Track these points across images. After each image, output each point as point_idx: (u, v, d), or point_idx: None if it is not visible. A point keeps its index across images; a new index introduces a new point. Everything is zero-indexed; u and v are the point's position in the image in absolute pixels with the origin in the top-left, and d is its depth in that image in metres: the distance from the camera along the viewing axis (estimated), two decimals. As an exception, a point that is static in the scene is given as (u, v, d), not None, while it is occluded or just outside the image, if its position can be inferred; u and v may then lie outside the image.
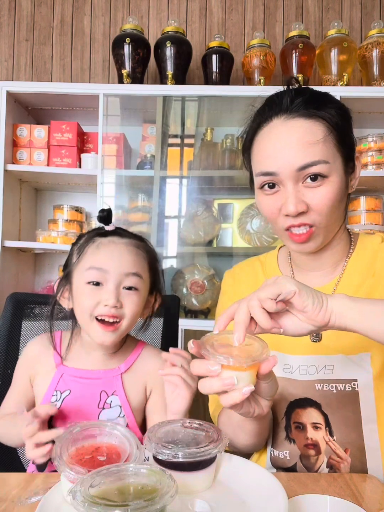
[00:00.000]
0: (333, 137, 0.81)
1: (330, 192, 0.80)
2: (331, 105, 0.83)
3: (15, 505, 0.63)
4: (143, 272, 0.90)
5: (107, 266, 0.86)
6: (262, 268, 1.00)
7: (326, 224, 0.83)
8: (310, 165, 0.78)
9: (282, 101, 0.82)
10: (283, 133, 0.81)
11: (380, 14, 2.57)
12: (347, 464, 0.82)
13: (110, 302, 0.84)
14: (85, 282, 0.86)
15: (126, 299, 0.86)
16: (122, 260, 0.87)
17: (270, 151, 0.82)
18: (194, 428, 0.67)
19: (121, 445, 0.64)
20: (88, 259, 0.88)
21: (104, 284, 0.86)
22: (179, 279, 2.31)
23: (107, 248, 0.88)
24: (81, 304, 0.87)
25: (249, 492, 0.62)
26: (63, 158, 2.28)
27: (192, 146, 2.40)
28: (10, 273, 2.31)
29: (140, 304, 0.89)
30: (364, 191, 2.37)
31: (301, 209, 0.80)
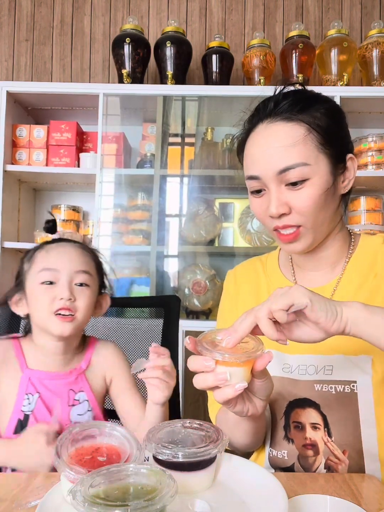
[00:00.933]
0: (314, 138, 0.81)
1: (312, 193, 0.81)
2: (318, 106, 0.84)
3: (15, 508, 0.63)
4: (91, 270, 0.97)
5: (58, 266, 0.92)
6: (263, 269, 1.00)
7: (313, 225, 0.83)
8: (289, 167, 0.80)
9: (267, 106, 0.85)
10: (265, 138, 0.83)
11: (380, 14, 2.57)
12: (345, 466, 0.82)
13: (64, 295, 0.90)
14: (38, 283, 0.92)
15: (79, 294, 0.93)
16: (72, 259, 0.94)
17: (254, 156, 0.85)
18: (194, 428, 0.67)
19: (121, 445, 0.64)
20: (39, 263, 0.94)
21: (57, 282, 0.92)
22: (181, 279, 2.30)
23: (56, 251, 0.95)
24: (38, 303, 0.92)
25: (249, 492, 0.62)
26: (61, 158, 2.28)
27: (192, 145, 2.40)
28: (10, 274, 2.31)
29: (92, 298, 0.96)
30: (364, 191, 2.37)
31: (283, 210, 0.82)
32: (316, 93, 0.88)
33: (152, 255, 2.28)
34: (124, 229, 2.36)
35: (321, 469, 0.83)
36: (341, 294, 0.89)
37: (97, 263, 1.00)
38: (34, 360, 0.96)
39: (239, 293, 1.00)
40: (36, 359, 0.96)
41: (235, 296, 1.01)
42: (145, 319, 1.26)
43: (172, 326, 1.24)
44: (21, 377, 0.93)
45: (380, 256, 0.89)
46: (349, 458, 0.82)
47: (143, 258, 2.35)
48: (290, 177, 0.80)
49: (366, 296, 0.86)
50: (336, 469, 0.82)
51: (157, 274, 2.29)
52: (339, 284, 0.90)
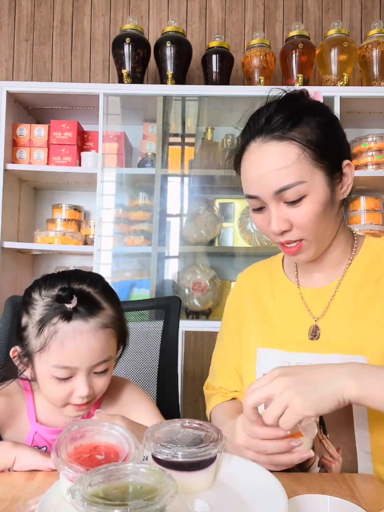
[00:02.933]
0: (308, 156, 0.81)
1: (311, 209, 0.82)
2: (310, 119, 0.83)
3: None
4: (113, 351, 0.85)
5: (75, 363, 0.78)
6: (268, 272, 1.03)
7: (315, 237, 0.85)
8: (286, 188, 0.81)
9: (258, 122, 0.84)
10: (259, 159, 0.83)
11: (380, 14, 2.57)
12: (339, 464, 0.82)
13: (83, 393, 0.79)
14: (50, 377, 0.80)
15: (96, 382, 0.82)
16: (92, 353, 0.79)
17: (250, 176, 0.85)
18: (193, 428, 0.66)
19: (119, 444, 0.63)
20: (53, 356, 0.78)
21: (73, 376, 0.80)
22: (181, 280, 2.30)
23: (74, 344, 0.77)
24: (50, 395, 0.82)
25: (249, 492, 0.62)
26: (63, 157, 2.28)
27: (192, 145, 2.40)
28: (10, 275, 2.31)
29: (109, 378, 0.86)
30: (364, 191, 2.37)
31: (284, 228, 0.83)
32: (307, 101, 0.87)
33: (153, 256, 2.28)
34: (125, 230, 2.36)
35: (315, 466, 0.83)
36: (342, 295, 0.90)
37: (118, 328, 0.85)
38: (45, 412, 0.88)
39: (239, 300, 1.04)
40: (47, 410, 0.88)
41: (235, 303, 1.05)
42: (146, 321, 1.26)
43: (172, 327, 1.23)
44: (29, 431, 0.87)
45: (383, 259, 0.90)
46: (342, 456, 0.83)
47: (144, 259, 2.35)
48: (287, 196, 0.81)
49: (367, 296, 0.87)
50: (330, 467, 0.83)
51: (157, 274, 2.29)
52: (340, 285, 0.91)
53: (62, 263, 2.54)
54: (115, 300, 0.86)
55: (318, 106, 0.87)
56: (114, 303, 0.85)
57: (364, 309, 0.86)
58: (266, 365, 0.91)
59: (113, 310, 0.84)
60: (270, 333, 0.93)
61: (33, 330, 0.80)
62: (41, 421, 0.87)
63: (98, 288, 0.83)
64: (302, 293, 0.94)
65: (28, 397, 0.88)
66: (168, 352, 1.22)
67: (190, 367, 2.07)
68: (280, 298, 0.97)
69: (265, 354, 0.92)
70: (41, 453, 0.75)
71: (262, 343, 0.93)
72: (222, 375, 1.03)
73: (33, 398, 0.88)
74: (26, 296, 0.84)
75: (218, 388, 1.03)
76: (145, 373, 1.22)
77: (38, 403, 0.88)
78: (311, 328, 0.90)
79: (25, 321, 0.82)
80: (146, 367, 1.22)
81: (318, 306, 0.91)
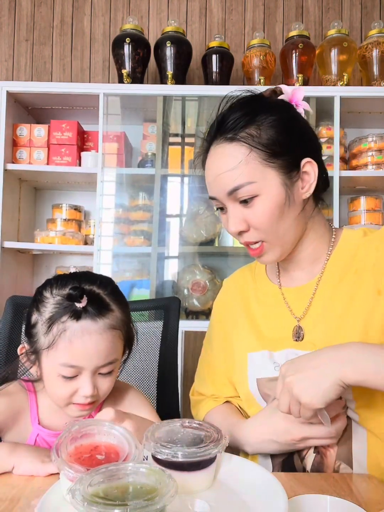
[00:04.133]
0: (257, 155, 0.81)
1: (265, 209, 0.82)
2: (264, 117, 0.83)
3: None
4: (119, 353, 0.85)
5: (82, 363, 0.79)
6: (252, 275, 1.02)
7: (274, 238, 0.85)
8: (236, 188, 0.82)
9: (214, 125, 0.87)
10: (213, 162, 0.86)
11: (380, 14, 2.57)
12: (334, 452, 0.83)
13: (87, 392, 0.79)
14: (57, 375, 0.80)
15: (101, 383, 0.82)
16: (99, 354, 0.80)
17: (208, 179, 0.88)
18: (193, 428, 0.67)
19: (120, 444, 0.63)
20: (60, 353, 0.79)
21: (79, 375, 0.80)
22: (180, 280, 2.30)
23: (81, 343, 0.78)
24: (55, 393, 0.82)
25: (249, 492, 0.62)
26: (63, 157, 2.28)
27: (192, 145, 2.40)
28: (10, 275, 2.31)
29: (114, 380, 0.86)
30: (364, 191, 2.37)
31: (241, 228, 0.84)
32: (266, 100, 0.87)
33: (153, 256, 2.28)
34: (125, 230, 2.36)
35: (310, 453, 0.84)
36: (322, 292, 0.89)
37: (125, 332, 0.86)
38: (48, 414, 0.88)
39: (228, 304, 1.03)
40: (50, 412, 0.88)
41: (222, 310, 1.04)
42: (145, 322, 1.25)
43: (172, 328, 1.23)
44: (31, 433, 0.87)
45: (361, 250, 0.88)
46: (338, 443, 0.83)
47: (144, 260, 2.35)
48: (239, 196, 0.82)
49: (346, 291, 0.86)
50: (325, 454, 0.83)
51: (157, 275, 2.29)
52: (320, 281, 0.90)
53: (62, 263, 2.54)
54: (124, 303, 0.87)
55: (277, 104, 0.87)
56: (123, 305, 0.85)
57: (345, 304, 0.85)
58: (256, 369, 0.90)
59: (122, 313, 0.84)
60: (258, 338, 0.92)
61: (42, 327, 0.80)
62: (44, 424, 0.87)
63: (108, 290, 0.84)
64: (284, 293, 0.94)
65: (31, 399, 0.88)
66: (168, 352, 1.22)
67: (190, 367, 2.07)
68: (263, 301, 0.96)
69: (255, 358, 0.91)
70: (40, 459, 0.74)
71: (252, 347, 0.92)
72: (213, 383, 1.01)
73: (36, 399, 0.88)
74: (38, 294, 0.85)
75: (209, 396, 1.02)
76: (145, 374, 1.21)
77: (41, 404, 0.88)
78: (295, 329, 0.89)
79: (35, 318, 0.82)
80: (146, 368, 1.22)
81: (299, 306, 0.90)
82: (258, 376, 0.90)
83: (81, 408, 0.82)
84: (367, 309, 0.83)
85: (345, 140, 2.35)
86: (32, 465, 0.73)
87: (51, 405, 0.86)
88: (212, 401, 1.00)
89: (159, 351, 1.22)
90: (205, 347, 1.08)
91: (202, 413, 1.00)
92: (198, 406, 1.02)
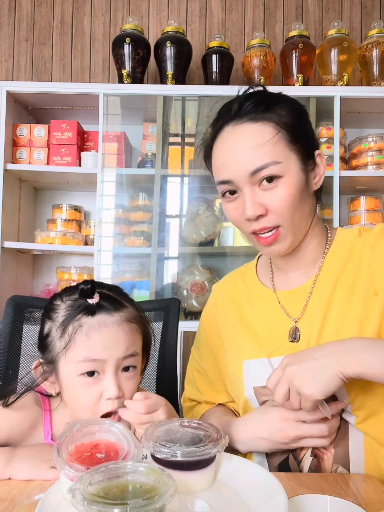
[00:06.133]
0: (283, 137, 0.81)
1: (286, 191, 0.80)
2: (282, 105, 0.84)
3: (19, 504, 0.62)
4: (139, 347, 0.82)
5: (102, 355, 0.76)
6: (243, 279, 1.01)
7: (291, 224, 0.83)
8: (261, 168, 0.80)
9: (231, 109, 0.85)
10: (233, 141, 0.82)
11: (380, 14, 2.57)
12: (331, 455, 0.82)
13: (112, 394, 0.75)
14: (78, 374, 0.76)
15: (126, 384, 0.78)
16: (118, 344, 0.77)
17: (223, 160, 0.84)
18: (192, 427, 0.66)
19: (119, 442, 0.63)
20: (78, 350, 0.76)
21: (100, 373, 0.76)
22: (180, 281, 2.30)
23: (99, 335, 0.76)
24: (79, 401, 0.78)
25: (249, 492, 0.62)
26: (63, 157, 2.28)
27: (192, 145, 2.40)
28: (10, 275, 2.31)
29: (138, 382, 0.83)
30: (364, 191, 2.37)
31: (260, 212, 0.81)
32: (276, 93, 0.88)
33: (153, 257, 2.28)
34: (126, 231, 2.36)
35: (307, 457, 0.84)
36: (320, 290, 0.88)
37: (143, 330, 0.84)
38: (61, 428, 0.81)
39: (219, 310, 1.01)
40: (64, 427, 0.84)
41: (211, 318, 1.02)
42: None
43: (172, 328, 1.23)
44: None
45: (356, 250, 0.88)
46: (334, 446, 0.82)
47: (144, 260, 2.35)
48: (263, 175, 0.80)
49: (343, 290, 0.86)
50: (322, 458, 0.83)
51: (157, 275, 2.29)
52: (317, 281, 0.89)
53: (62, 263, 2.54)
54: (135, 304, 0.85)
55: (286, 96, 0.88)
56: (135, 304, 0.84)
57: (342, 304, 0.85)
58: (253, 376, 0.89)
59: (136, 310, 0.83)
60: (254, 344, 0.91)
61: (57, 332, 0.78)
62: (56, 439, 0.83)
63: (117, 292, 0.83)
64: (279, 297, 0.92)
65: (45, 414, 0.84)
66: (167, 353, 1.22)
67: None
68: (257, 306, 0.95)
69: (251, 366, 0.90)
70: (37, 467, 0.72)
71: (247, 355, 0.91)
72: (205, 390, 1.00)
73: (50, 414, 0.84)
74: (48, 305, 0.83)
75: (202, 402, 1.01)
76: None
77: (56, 418, 0.84)
78: (291, 330, 0.88)
79: (48, 327, 0.80)
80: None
81: (295, 308, 0.89)
82: (255, 384, 0.89)
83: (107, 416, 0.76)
84: (363, 309, 0.82)
85: (345, 140, 2.35)
86: (29, 474, 0.72)
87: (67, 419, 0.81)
88: (205, 405, 1.00)
89: (159, 351, 1.22)
90: (193, 354, 1.06)
91: (196, 417, 0.98)
92: (192, 412, 1.01)
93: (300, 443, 0.80)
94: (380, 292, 0.82)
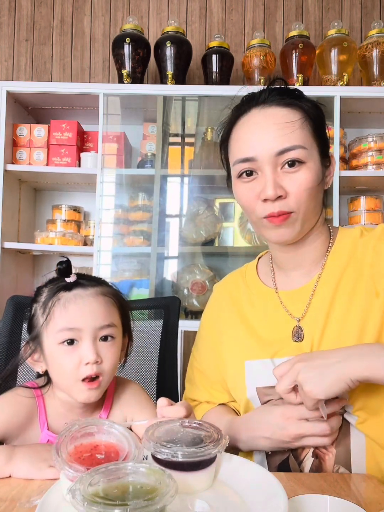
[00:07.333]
0: (309, 125, 0.83)
1: (307, 177, 0.82)
2: (306, 101, 0.87)
3: (19, 507, 0.62)
4: (116, 320, 0.86)
5: (79, 324, 0.81)
6: (243, 280, 1.01)
7: (304, 212, 0.83)
8: (288, 149, 0.81)
9: (259, 95, 0.86)
10: (261, 120, 0.83)
11: (380, 14, 2.57)
12: (332, 456, 0.82)
13: (90, 358, 0.80)
14: (58, 343, 0.81)
15: (104, 352, 0.83)
16: (94, 314, 0.83)
17: (249, 137, 0.84)
18: (193, 427, 0.66)
19: (119, 443, 0.63)
20: (57, 320, 0.82)
21: (79, 341, 0.81)
22: (180, 280, 2.30)
23: (76, 305, 0.82)
24: (62, 368, 0.82)
25: (249, 492, 0.61)
26: (62, 157, 2.28)
27: (192, 145, 2.40)
28: (10, 275, 2.31)
29: (118, 353, 0.86)
30: (364, 191, 2.37)
31: (280, 193, 0.80)
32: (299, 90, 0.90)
33: (153, 256, 2.28)
34: (125, 230, 2.36)
35: (309, 457, 0.83)
36: (323, 289, 0.88)
37: (120, 307, 0.89)
38: (56, 419, 0.87)
39: (221, 310, 1.01)
40: (58, 416, 0.87)
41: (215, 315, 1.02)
42: (145, 321, 1.25)
43: (172, 327, 1.23)
44: (40, 440, 0.86)
45: (358, 250, 0.88)
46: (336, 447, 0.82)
47: (144, 260, 2.35)
48: (289, 157, 0.81)
49: (345, 290, 0.86)
50: (324, 458, 0.83)
51: (157, 274, 2.29)
52: (320, 280, 0.89)
53: (62, 263, 2.54)
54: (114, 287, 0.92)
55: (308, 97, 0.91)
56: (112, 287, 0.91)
57: (344, 303, 0.85)
58: (255, 377, 0.89)
59: (112, 289, 0.90)
60: (256, 344, 0.91)
61: (40, 310, 0.84)
62: (52, 429, 0.86)
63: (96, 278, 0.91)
64: (281, 297, 0.92)
65: (39, 404, 0.87)
66: (167, 352, 1.22)
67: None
68: (259, 306, 0.94)
69: (253, 366, 0.90)
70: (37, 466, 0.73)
71: (249, 355, 0.91)
72: (206, 390, 1.00)
73: (44, 404, 0.87)
74: (35, 292, 0.90)
75: (203, 401, 1.01)
76: (144, 373, 1.22)
77: (49, 408, 0.87)
78: (294, 330, 0.88)
79: (34, 308, 0.87)
80: (145, 367, 1.22)
81: (298, 307, 0.89)
82: (258, 385, 0.88)
83: (89, 386, 0.81)
84: (364, 310, 0.82)
85: (345, 140, 2.35)
86: (29, 472, 0.73)
87: (59, 408, 0.87)
88: (206, 405, 1.00)
89: (159, 350, 1.22)
90: (193, 353, 1.06)
91: (198, 417, 0.97)
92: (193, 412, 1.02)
93: (301, 441, 0.79)
94: (382, 294, 0.82)
